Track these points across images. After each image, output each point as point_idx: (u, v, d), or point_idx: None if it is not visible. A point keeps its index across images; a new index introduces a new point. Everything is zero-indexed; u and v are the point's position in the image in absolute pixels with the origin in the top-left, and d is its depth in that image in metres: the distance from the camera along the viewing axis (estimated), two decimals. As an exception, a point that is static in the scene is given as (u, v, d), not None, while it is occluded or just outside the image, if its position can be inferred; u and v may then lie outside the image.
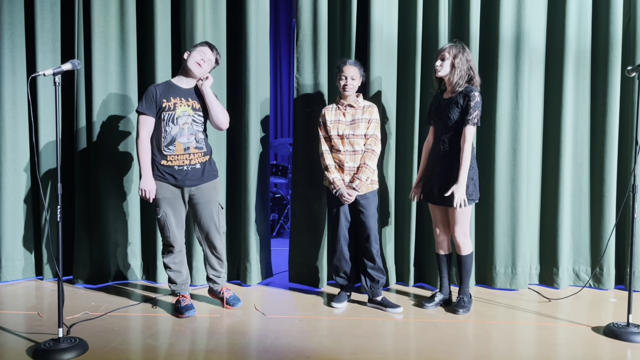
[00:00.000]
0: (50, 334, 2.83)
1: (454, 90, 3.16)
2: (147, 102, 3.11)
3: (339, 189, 3.27)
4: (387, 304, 3.34)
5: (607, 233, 3.72)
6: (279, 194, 6.01)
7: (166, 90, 3.14)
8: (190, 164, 3.16)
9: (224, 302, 3.36)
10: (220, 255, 3.35)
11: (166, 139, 3.12)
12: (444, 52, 3.17)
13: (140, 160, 3.09)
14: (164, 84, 3.19)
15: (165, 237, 3.21)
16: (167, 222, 3.17)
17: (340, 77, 3.27)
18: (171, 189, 3.15)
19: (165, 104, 3.11)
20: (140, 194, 3.10)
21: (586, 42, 3.74)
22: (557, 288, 3.77)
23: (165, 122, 3.11)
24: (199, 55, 3.14)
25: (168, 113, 3.11)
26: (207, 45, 3.19)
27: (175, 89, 3.17)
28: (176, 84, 3.19)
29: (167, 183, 3.14)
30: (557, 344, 2.83)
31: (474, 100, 3.07)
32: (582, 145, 3.79)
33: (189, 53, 3.16)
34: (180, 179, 3.15)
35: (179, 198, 3.19)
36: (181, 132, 3.13)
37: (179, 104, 3.14)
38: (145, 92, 3.14)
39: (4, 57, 3.76)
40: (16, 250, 3.88)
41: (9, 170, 3.81)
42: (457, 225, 3.23)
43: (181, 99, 3.16)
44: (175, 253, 3.25)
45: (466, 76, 3.13)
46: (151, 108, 3.10)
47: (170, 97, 3.13)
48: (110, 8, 3.73)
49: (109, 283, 3.85)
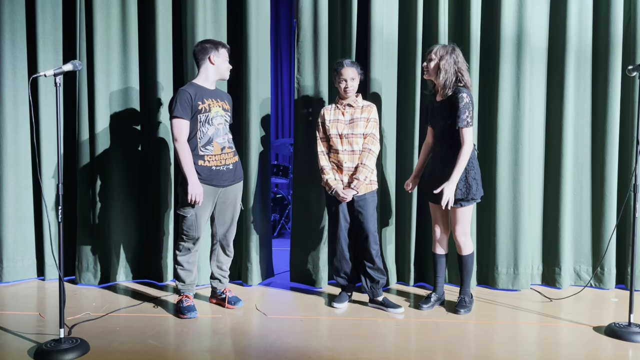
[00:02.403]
0: (52, 334, 2.84)
1: (444, 93, 3.15)
2: (182, 105, 3.07)
3: (333, 189, 3.28)
4: (388, 304, 3.34)
5: (608, 232, 3.71)
6: (280, 194, 6.01)
7: (197, 91, 3.14)
8: (225, 164, 3.21)
9: (226, 302, 3.37)
10: (231, 253, 3.42)
11: (202, 140, 3.13)
12: (430, 54, 3.16)
13: (184, 165, 3.07)
14: (191, 87, 3.16)
15: (189, 236, 3.20)
16: (196, 222, 3.18)
17: (340, 79, 3.27)
18: (206, 188, 3.16)
19: (201, 106, 3.12)
20: (190, 199, 3.08)
21: (587, 42, 3.73)
22: (559, 288, 3.77)
23: (202, 123, 3.12)
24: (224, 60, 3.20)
25: (204, 115, 3.13)
26: (226, 47, 3.23)
27: (204, 90, 3.18)
28: (203, 86, 3.19)
29: (203, 183, 3.14)
30: (559, 344, 2.82)
31: (462, 102, 3.05)
32: (583, 145, 3.79)
33: (214, 56, 3.16)
34: (216, 179, 3.18)
35: (211, 197, 3.21)
36: (217, 132, 3.17)
37: (213, 104, 3.17)
38: (178, 96, 3.09)
39: (5, 58, 3.77)
40: (17, 251, 3.88)
41: (10, 170, 3.82)
42: (458, 225, 3.22)
43: (212, 99, 3.18)
44: (192, 252, 3.27)
45: (454, 78, 3.10)
46: (187, 112, 3.09)
47: (204, 99, 3.14)
48: (111, 8, 3.73)
49: (110, 283, 3.85)
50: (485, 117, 3.72)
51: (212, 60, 3.18)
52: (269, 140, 3.88)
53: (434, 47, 3.17)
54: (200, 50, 3.18)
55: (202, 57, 3.18)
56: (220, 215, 3.31)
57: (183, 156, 3.08)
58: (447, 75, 3.09)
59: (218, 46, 3.19)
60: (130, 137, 3.83)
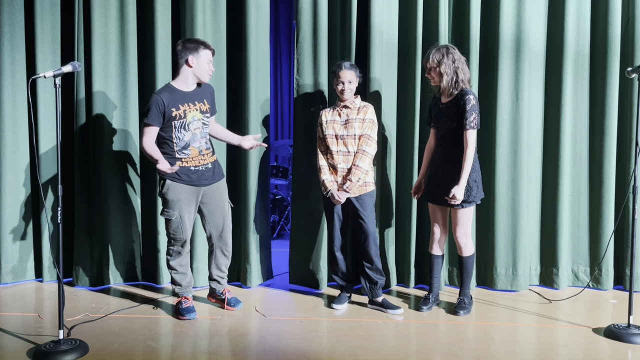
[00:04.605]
0: (51, 335, 2.83)
1: (449, 94, 3.17)
2: (154, 113, 3.02)
3: (329, 190, 3.28)
4: (388, 306, 3.34)
5: (606, 233, 3.72)
6: (279, 195, 6.00)
7: (172, 97, 3.06)
8: (203, 164, 3.18)
9: (225, 303, 3.36)
10: (229, 253, 3.39)
11: (179, 145, 3.10)
12: (428, 62, 3.17)
13: (152, 154, 3.04)
14: (166, 91, 3.08)
15: (176, 238, 3.18)
16: (181, 224, 3.15)
17: (338, 82, 3.28)
18: (186, 188, 3.13)
19: (175, 113, 3.06)
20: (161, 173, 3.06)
21: (585, 44, 3.74)
22: (557, 289, 3.77)
23: (177, 129, 3.08)
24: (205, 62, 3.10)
25: (179, 121, 3.08)
26: (209, 48, 3.12)
27: (180, 94, 3.10)
28: (179, 89, 3.11)
29: (182, 183, 3.12)
30: (558, 346, 2.83)
31: (469, 104, 3.07)
32: (581, 147, 3.79)
33: (192, 58, 3.06)
34: (196, 179, 3.16)
35: (193, 197, 3.18)
36: (194, 137, 3.13)
37: (188, 110, 3.10)
38: (151, 102, 3.03)
39: (4, 59, 3.76)
40: (16, 252, 3.87)
41: (9, 172, 3.81)
42: (459, 226, 3.23)
43: (189, 104, 3.11)
44: (183, 255, 3.25)
45: (455, 77, 3.12)
46: (158, 119, 3.04)
47: (178, 105, 3.07)
48: (110, 9, 3.72)
49: (109, 285, 3.84)
50: (484, 118, 3.72)
51: (189, 63, 3.07)
52: (268, 141, 3.88)
53: (429, 54, 3.17)
54: (180, 50, 3.07)
55: (181, 58, 3.08)
56: (211, 217, 3.28)
57: (149, 151, 3.04)
58: (449, 77, 3.12)
59: (199, 47, 3.07)
60: (128, 139, 3.82)
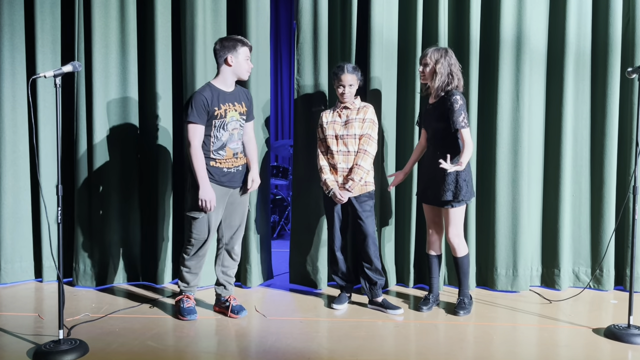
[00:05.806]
0: (51, 335, 2.83)
1: (436, 95, 3.17)
2: (198, 110, 3.01)
3: (331, 190, 3.28)
4: (388, 306, 3.34)
5: (606, 234, 3.72)
6: (279, 195, 6.00)
7: (214, 96, 3.06)
8: (235, 167, 3.18)
9: (229, 311, 3.25)
10: (237, 257, 3.34)
11: (215, 144, 3.10)
12: (425, 58, 3.17)
13: (197, 169, 3.03)
14: (208, 90, 3.07)
15: (198, 239, 3.14)
16: (208, 224, 3.13)
17: (338, 84, 3.28)
18: (218, 189, 3.12)
19: (217, 112, 3.06)
20: (200, 204, 3.03)
21: (586, 44, 3.74)
22: (558, 289, 3.77)
23: (217, 128, 3.08)
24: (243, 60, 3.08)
25: (220, 120, 3.07)
26: (246, 45, 3.11)
27: (221, 93, 3.10)
28: (220, 88, 3.11)
29: (215, 184, 3.10)
30: (558, 346, 2.83)
31: (456, 104, 3.07)
32: (582, 147, 3.79)
33: (231, 57, 3.05)
34: (227, 181, 3.15)
35: (223, 199, 3.16)
36: (231, 137, 3.13)
37: (229, 109, 3.11)
38: (194, 100, 3.03)
39: (4, 59, 3.76)
40: (16, 252, 3.87)
41: (9, 172, 3.80)
42: (451, 226, 3.23)
43: (229, 104, 3.11)
44: (201, 256, 3.21)
45: (447, 80, 3.12)
46: (202, 117, 3.03)
47: (220, 104, 3.07)
48: (110, 9, 3.72)
49: (109, 285, 3.84)
50: (484, 119, 3.73)
51: (229, 62, 3.07)
52: (268, 141, 3.88)
53: (428, 51, 3.17)
54: (218, 50, 3.08)
55: (219, 57, 3.08)
56: (228, 217, 3.24)
57: (196, 161, 3.03)
58: (442, 78, 3.11)
59: (237, 45, 3.07)
60: (129, 138, 3.82)
